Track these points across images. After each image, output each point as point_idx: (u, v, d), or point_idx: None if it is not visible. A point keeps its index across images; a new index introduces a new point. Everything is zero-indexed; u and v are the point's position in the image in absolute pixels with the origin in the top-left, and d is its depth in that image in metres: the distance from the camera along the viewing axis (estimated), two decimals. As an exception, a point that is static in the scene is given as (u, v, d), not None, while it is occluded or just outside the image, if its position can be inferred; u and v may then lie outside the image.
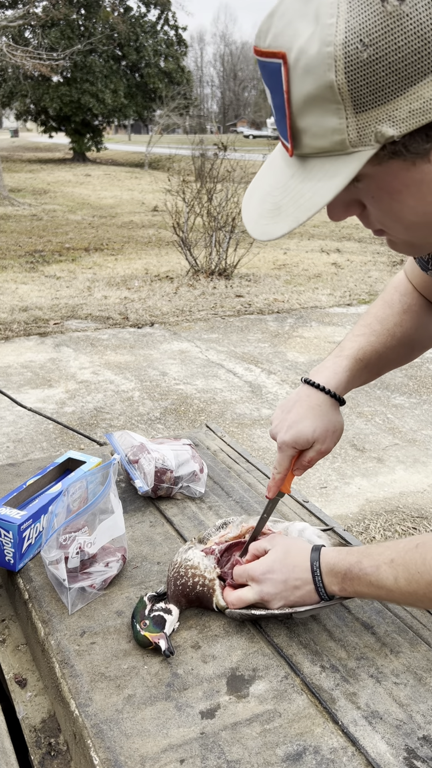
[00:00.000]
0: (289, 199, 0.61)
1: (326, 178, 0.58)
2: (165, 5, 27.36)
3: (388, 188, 0.60)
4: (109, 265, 8.24)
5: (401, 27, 0.50)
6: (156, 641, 0.84)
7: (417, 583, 0.76)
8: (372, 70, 0.51)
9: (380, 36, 0.50)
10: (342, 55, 0.51)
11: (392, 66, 0.51)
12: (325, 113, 0.55)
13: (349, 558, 0.83)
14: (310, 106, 0.55)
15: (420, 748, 0.72)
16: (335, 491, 3.14)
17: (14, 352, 5.00)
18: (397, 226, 0.65)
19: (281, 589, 0.86)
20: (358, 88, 0.52)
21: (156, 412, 3.97)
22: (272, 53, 0.56)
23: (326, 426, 0.96)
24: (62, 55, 15.43)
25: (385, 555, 0.81)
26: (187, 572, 0.91)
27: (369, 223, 0.68)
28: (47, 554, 0.92)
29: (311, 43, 0.52)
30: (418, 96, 0.52)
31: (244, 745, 0.72)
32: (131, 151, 32.01)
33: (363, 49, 0.51)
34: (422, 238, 0.66)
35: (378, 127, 0.54)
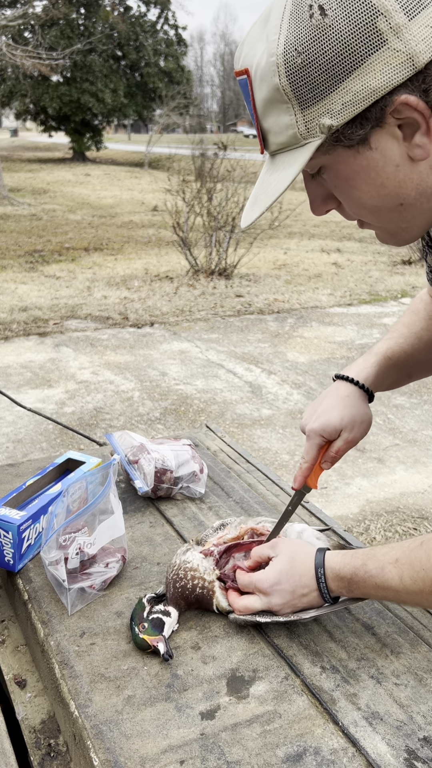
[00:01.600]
0: (262, 189, 0.73)
1: (286, 167, 0.69)
2: (165, 4, 27.36)
3: (343, 176, 0.70)
4: (109, 265, 8.24)
5: (326, 35, 0.61)
6: (155, 644, 0.83)
7: (422, 581, 0.77)
8: (307, 72, 0.63)
9: (310, 44, 0.62)
10: (282, 63, 0.63)
11: (323, 67, 0.62)
12: (279, 113, 0.66)
13: (353, 561, 0.83)
14: (268, 108, 0.67)
15: (420, 749, 0.72)
16: (335, 492, 3.14)
17: (14, 352, 5.00)
18: (364, 212, 0.74)
19: (289, 599, 0.87)
20: (299, 88, 0.64)
21: (156, 413, 3.97)
22: (242, 71, 0.69)
23: (354, 416, 0.99)
24: (62, 55, 15.43)
25: (389, 555, 0.81)
26: (186, 574, 0.91)
27: (347, 215, 0.77)
28: (47, 555, 0.92)
29: (262, 57, 0.65)
30: (347, 90, 0.63)
31: (244, 746, 0.71)
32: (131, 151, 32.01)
33: (297, 56, 0.62)
34: (392, 222, 0.74)
35: (320, 120, 0.65)
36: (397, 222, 0.73)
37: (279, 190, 0.70)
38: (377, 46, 0.61)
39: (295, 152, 0.68)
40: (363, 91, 0.62)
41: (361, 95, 0.63)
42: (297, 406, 4.14)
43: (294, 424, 3.90)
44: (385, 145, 0.66)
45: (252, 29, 0.69)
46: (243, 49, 0.69)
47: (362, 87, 0.62)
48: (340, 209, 0.76)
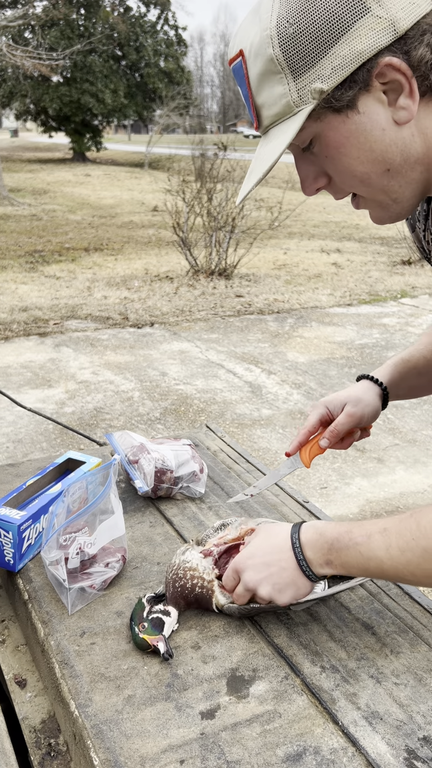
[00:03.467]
0: (257, 162, 0.76)
1: (280, 135, 0.73)
2: (165, 5, 27.36)
3: (334, 143, 0.74)
4: (109, 265, 8.24)
5: (314, 6, 0.67)
6: (155, 644, 0.83)
7: (411, 551, 0.74)
8: (299, 41, 0.68)
9: (300, 14, 0.67)
10: (276, 34, 0.68)
11: (312, 35, 0.68)
12: (273, 84, 0.71)
13: (338, 527, 0.82)
14: (262, 81, 0.71)
15: (420, 749, 0.72)
16: (335, 492, 3.14)
17: (14, 353, 5.00)
18: (354, 181, 0.77)
19: (265, 573, 0.85)
20: (291, 56, 0.69)
21: (156, 413, 3.97)
22: (236, 55, 0.73)
23: (360, 395, 1.05)
24: (62, 55, 15.42)
25: (377, 525, 0.79)
26: (185, 574, 0.91)
27: (336, 191, 0.80)
28: (47, 555, 0.92)
29: (256, 34, 0.70)
30: (336, 55, 0.68)
31: (244, 746, 0.72)
32: (131, 151, 32.01)
33: (289, 26, 0.68)
34: (381, 191, 0.77)
35: (312, 86, 0.69)
36: (387, 191, 0.77)
37: (274, 157, 0.73)
38: (362, 13, 0.66)
39: (288, 121, 0.72)
40: (350, 54, 0.67)
41: (349, 58, 0.68)
42: (297, 406, 4.14)
43: (294, 424, 3.90)
44: (372, 109, 0.71)
45: (244, 20, 0.74)
46: (236, 37, 0.74)
47: (349, 51, 0.67)
48: (330, 186, 0.80)
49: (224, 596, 0.91)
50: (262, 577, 0.85)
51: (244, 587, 0.87)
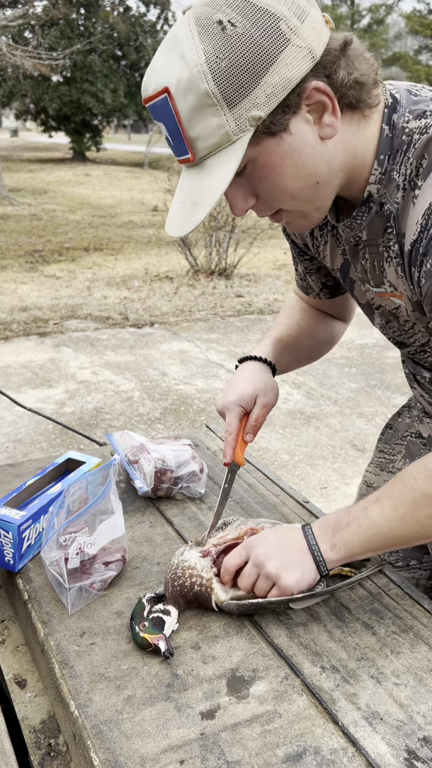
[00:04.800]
0: (201, 192, 0.78)
1: (223, 165, 0.76)
2: (165, 5, 27.34)
3: (270, 164, 0.78)
4: (109, 265, 8.24)
5: (241, 41, 0.72)
6: (155, 643, 0.83)
7: (403, 507, 0.82)
8: (231, 74, 0.72)
9: (229, 50, 0.72)
10: (208, 69, 0.72)
11: (243, 67, 0.72)
12: (208, 117, 0.74)
13: (339, 511, 0.90)
14: (195, 115, 0.74)
15: (420, 749, 0.72)
16: (336, 492, 3.14)
17: (14, 352, 5.00)
18: (285, 197, 0.82)
19: (276, 549, 0.88)
20: (226, 88, 0.72)
21: (156, 413, 3.97)
22: (158, 93, 0.76)
23: (264, 382, 1.09)
24: (62, 55, 15.41)
25: (369, 498, 0.87)
26: (184, 573, 0.91)
27: (264, 209, 0.85)
28: (47, 555, 0.92)
29: (183, 71, 0.73)
30: (268, 84, 0.73)
31: (244, 746, 0.71)
32: (131, 151, 32.00)
33: (220, 61, 0.72)
34: (309, 203, 0.83)
35: (249, 114, 0.74)
36: (313, 201, 0.83)
37: (223, 184, 0.76)
38: (284, 45, 0.73)
39: (227, 150, 0.76)
40: (281, 82, 0.73)
41: (280, 86, 0.74)
42: (297, 406, 4.14)
43: (294, 423, 3.90)
44: (301, 129, 0.77)
45: (156, 57, 0.77)
46: (152, 74, 0.77)
47: (279, 79, 0.73)
48: (257, 205, 0.84)
49: (224, 592, 0.90)
50: (272, 553, 0.88)
51: (253, 562, 0.88)
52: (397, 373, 4.65)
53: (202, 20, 0.73)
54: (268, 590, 0.88)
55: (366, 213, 0.87)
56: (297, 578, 0.86)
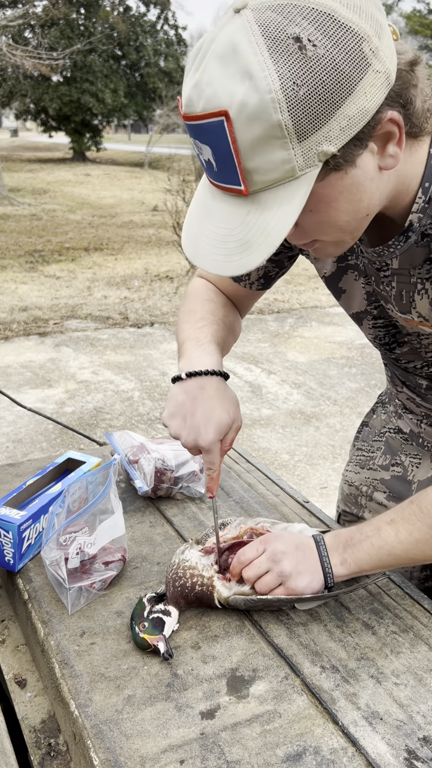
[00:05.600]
0: (256, 231, 0.68)
1: (285, 203, 0.67)
2: (165, 5, 27.34)
3: (327, 199, 0.70)
4: (109, 264, 8.24)
5: (321, 65, 0.61)
6: (155, 643, 0.83)
7: (419, 531, 0.84)
8: (308, 104, 0.62)
9: (308, 76, 0.61)
10: (283, 98, 0.61)
11: (322, 96, 0.62)
12: (273, 149, 0.64)
13: (350, 529, 0.90)
14: (258, 147, 0.64)
15: (420, 749, 0.72)
16: (335, 491, 3.14)
17: (14, 352, 5.00)
18: (331, 229, 0.74)
19: (293, 551, 0.88)
20: (300, 120, 0.62)
21: (156, 412, 3.97)
22: (210, 114, 0.65)
23: (233, 403, 0.95)
24: (62, 55, 15.41)
25: (382, 519, 0.87)
26: (185, 573, 0.91)
27: (300, 237, 0.76)
28: (47, 554, 0.92)
29: (251, 95, 0.62)
30: (344, 115, 0.64)
31: (244, 746, 0.72)
32: (131, 151, 32.01)
33: (298, 89, 0.61)
34: (351, 233, 0.76)
35: (319, 148, 0.64)
36: (353, 231, 0.76)
37: (286, 227, 0.67)
38: (365, 69, 0.63)
39: (290, 185, 0.66)
40: (358, 114, 0.64)
41: (357, 118, 0.64)
42: (297, 406, 4.14)
43: (294, 423, 3.90)
44: (365, 161, 0.69)
45: (207, 69, 0.64)
46: (203, 90, 0.65)
47: (357, 110, 0.64)
48: (294, 234, 0.76)
49: (226, 589, 0.90)
50: (290, 553, 0.88)
51: (270, 557, 0.88)
52: (397, 373, 4.65)
53: (272, 32, 0.62)
54: (273, 588, 0.88)
55: (403, 242, 0.82)
56: (306, 583, 0.88)
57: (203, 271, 1.08)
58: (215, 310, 1.07)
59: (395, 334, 0.99)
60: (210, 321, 1.04)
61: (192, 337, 1.01)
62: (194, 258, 0.74)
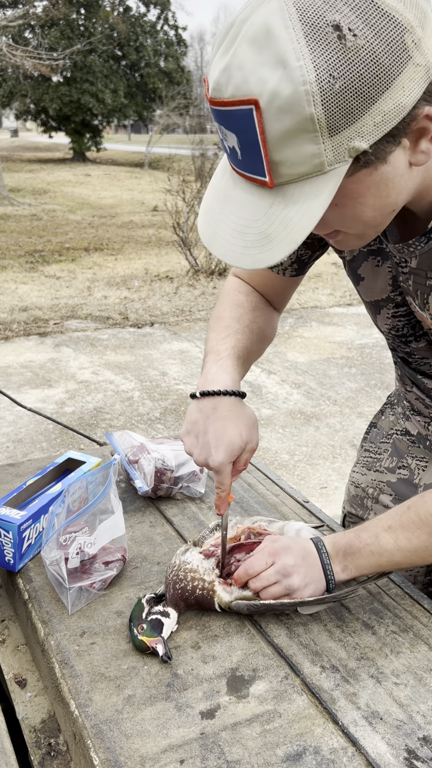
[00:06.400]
0: (278, 225, 0.66)
1: (311, 198, 0.64)
2: (165, 5, 27.35)
3: (354, 194, 0.67)
4: (109, 265, 8.24)
5: (360, 57, 0.58)
6: (153, 646, 0.83)
7: (418, 539, 0.84)
8: (343, 98, 0.58)
9: (346, 68, 0.58)
10: (318, 90, 0.58)
11: (358, 90, 0.59)
12: (302, 143, 0.61)
13: (347, 535, 0.90)
14: (287, 139, 0.61)
15: (420, 749, 0.72)
16: (335, 491, 3.14)
17: (14, 352, 5.00)
18: (356, 224, 0.72)
19: (301, 563, 0.88)
20: (333, 114, 0.59)
21: (156, 412, 3.97)
22: (240, 101, 0.61)
23: (246, 424, 0.92)
24: (62, 55, 15.41)
25: (380, 524, 0.87)
26: (186, 576, 0.90)
27: (323, 228, 0.73)
28: (47, 554, 0.92)
29: (283, 85, 0.58)
30: (379, 111, 0.60)
31: (244, 746, 0.72)
32: (131, 151, 32.01)
33: (334, 82, 0.58)
34: (375, 227, 0.74)
35: (350, 144, 0.61)
36: (378, 226, 0.74)
37: (310, 224, 0.64)
38: (405, 63, 0.59)
39: (318, 180, 0.63)
40: (394, 109, 0.61)
41: (392, 114, 0.61)
42: (297, 406, 4.14)
43: (294, 423, 3.90)
44: (397, 157, 0.65)
45: (239, 52, 0.60)
46: (233, 74, 0.61)
47: (393, 105, 0.60)
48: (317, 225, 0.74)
49: (228, 594, 0.90)
50: (299, 566, 0.88)
51: (279, 570, 0.88)
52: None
53: (311, 17, 0.57)
54: (279, 596, 0.88)
55: (424, 243, 0.79)
56: (311, 592, 0.89)
57: (237, 269, 1.08)
58: (242, 316, 1.04)
59: (414, 325, 0.96)
60: (234, 330, 1.02)
61: (213, 350, 0.99)
62: (210, 245, 0.71)
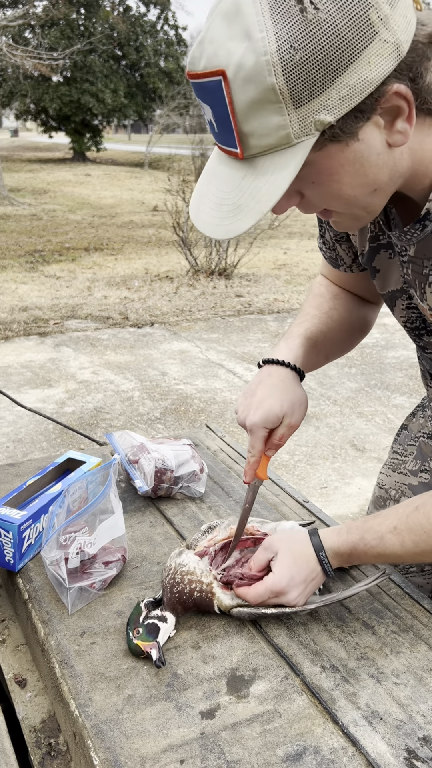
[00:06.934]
0: (248, 196, 0.68)
1: (278, 170, 0.66)
2: (165, 5, 27.34)
3: (328, 170, 0.69)
4: (109, 264, 8.24)
5: (321, 30, 0.60)
6: (148, 650, 0.82)
7: (425, 543, 0.81)
8: (305, 69, 0.61)
9: (306, 40, 0.60)
10: (278, 61, 0.60)
11: (320, 62, 0.60)
12: (268, 114, 0.63)
13: (350, 538, 0.87)
14: (253, 110, 0.63)
15: (420, 749, 0.72)
16: (335, 491, 3.14)
17: (14, 352, 5.00)
18: (338, 202, 0.74)
19: (303, 588, 0.88)
20: (295, 85, 0.61)
21: (156, 412, 3.97)
22: (210, 73, 0.64)
23: (292, 399, 0.95)
24: (62, 55, 15.41)
25: (385, 524, 0.85)
26: (183, 578, 0.89)
27: (309, 208, 0.76)
28: (47, 554, 0.92)
29: (247, 56, 0.61)
30: (344, 84, 0.62)
31: (244, 746, 0.72)
32: (131, 151, 32.01)
33: (295, 53, 0.60)
34: (362, 208, 0.75)
35: (316, 117, 0.63)
36: (366, 207, 0.75)
37: (276, 195, 0.67)
38: (371, 38, 0.61)
39: (286, 153, 0.65)
40: (359, 84, 0.62)
41: (358, 88, 0.62)
42: (297, 406, 4.13)
43: (294, 424, 3.90)
44: (370, 135, 0.67)
45: (212, 27, 0.64)
46: (205, 47, 0.64)
47: (359, 80, 0.62)
48: (302, 203, 0.75)
49: (229, 598, 0.89)
50: (302, 594, 0.88)
51: (283, 603, 0.88)
52: (397, 373, 4.65)
53: None
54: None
55: (419, 230, 0.79)
56: (303, 601, 0.89)
57: (323, 269, 1.11)
58: (321, 304, 1.08)
59: (425, 318, 0.95)
60: (312, 315, 1.06)
61: (288, 332, 1.05)
62: (194, 219, 0.73)
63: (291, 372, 0.98)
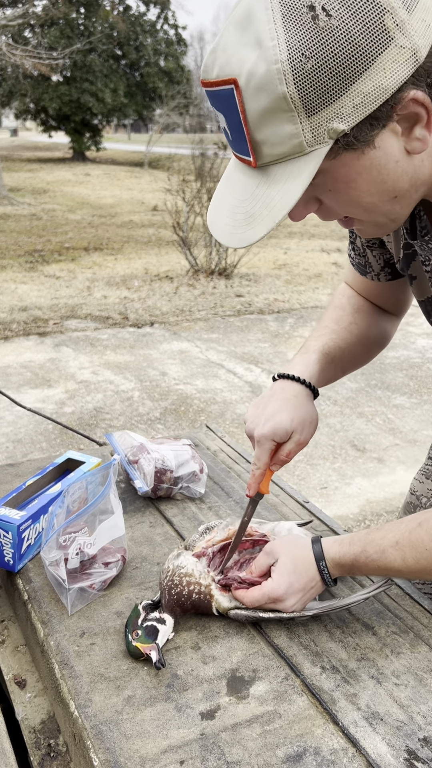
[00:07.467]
0: (261, 205, 0.68)
1: (291, 179, 0.66)
2: (164, 4, 27.33)
3: (344, 178, 0.68)
4: (109, 264, 8.24)
5: (334, 37, 0.59)
6: (147, 652, 0.82)
7: (426, 560, 0.80)
8: (317, 77, 0.60)
9: (318, 47, 0.59)
10: (289, 69, 0.60)
11: (333, 70, 0.60)
12: (280, 122, 0.62)
13: (352, 549, 0.86)
14: (265, 118, 0.63)
15: (421, 749, 0.72)
16: (336, 492, 3.14)
17: (13, 352, 4.99)
18: (357, 210, 0.73)
19: (301, 596, 0.88)
20: (307, 94, 0.61)
21: (156, 412, 3.97)
22: (223, 81, 0.64)
23: (303, 416, 0.95)
24: (62, 55, 15.41)
25: (387, 538, 0.83)
26: (181, 580, 0.89)
27: (329, 215, 0.76)
28: (47, 555, 0.92)
29: (258, 65, 0.61)
30: (358, 92, 0.61)
31: (244, 747, 0.71)
32: (131, 151, 31.99)
33: (306, 61, 0.59)
34: (383, 215, 0.74)
35: (329, 125, 0.62)
36: (388, 214, 0.74)
37: (288, 204, 0.66)
38: (386, 44, 0.60)
39: (299, 161, 0.65)
40: (374, 91, 0.61)
41: (373, 96, 0.61)
42: (297, 406, 4.13)
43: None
44: (387, 143, 0.66)
45: (225, 34, 0.64)
46: (218, 56, 0.64)
47: (373, 87, 0.61)
48: (321, 210, 0.75)
49: (227, 600, 0.89)
50: (298, 600, 0.88)
51: (289, 610, 0.88)
52: (398, 373, 4.65)
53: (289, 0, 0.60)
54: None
55: None
56: (300, 608, 0.89)
57: (347, 276, 1.10)
58: (341, 317, 1.07)
59: None
60: (330, 330, 1.05)
61: (305, 346, 1.05)
62: (210, 226, 0.73)
63: (305, 389, 0.98)
